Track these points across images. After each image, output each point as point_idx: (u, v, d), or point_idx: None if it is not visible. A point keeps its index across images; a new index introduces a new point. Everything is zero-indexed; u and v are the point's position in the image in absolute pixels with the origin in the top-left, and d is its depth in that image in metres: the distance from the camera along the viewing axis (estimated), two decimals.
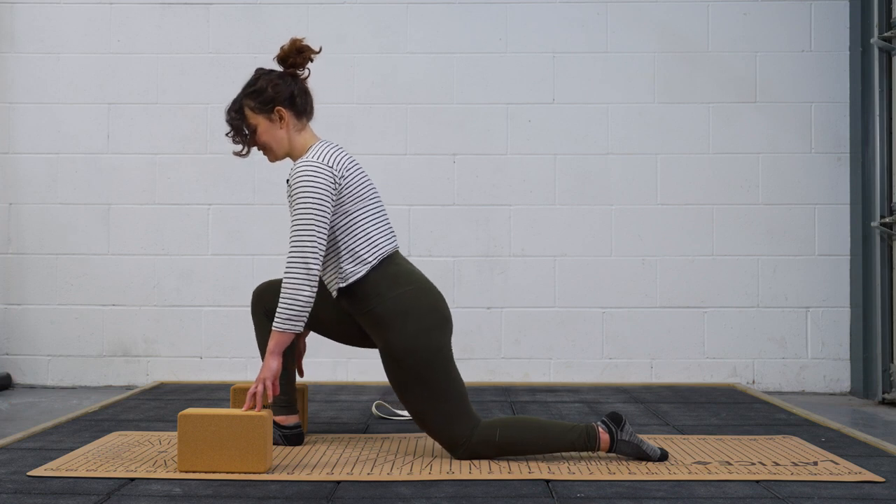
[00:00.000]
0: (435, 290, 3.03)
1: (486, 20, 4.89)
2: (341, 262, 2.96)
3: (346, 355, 4.83)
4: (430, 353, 2.90)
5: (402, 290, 2.95)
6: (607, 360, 4.85)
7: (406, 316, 2.92)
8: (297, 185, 2.90)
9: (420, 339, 2.90)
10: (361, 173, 3.03)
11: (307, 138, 3.06)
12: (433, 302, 2.98)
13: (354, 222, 2.96)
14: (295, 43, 3.06)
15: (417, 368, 2.89)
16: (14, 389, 4.80)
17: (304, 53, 3.07)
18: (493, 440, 2.91)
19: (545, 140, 4.87)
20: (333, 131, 4.88)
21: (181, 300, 4.87)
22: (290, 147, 3.04)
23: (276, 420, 3.14)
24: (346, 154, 3.03)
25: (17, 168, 4.89)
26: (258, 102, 3.01)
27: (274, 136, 3.02)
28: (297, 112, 3.04)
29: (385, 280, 2.95)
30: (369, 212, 3.00)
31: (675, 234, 4.85)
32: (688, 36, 4.88)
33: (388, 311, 2.93)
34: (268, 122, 3.02)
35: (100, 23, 4.90)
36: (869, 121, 4.64)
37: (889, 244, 4.57)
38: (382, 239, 3.00)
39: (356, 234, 2.96)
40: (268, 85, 3.02)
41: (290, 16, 4.89)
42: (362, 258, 2.95)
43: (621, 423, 2.91)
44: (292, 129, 3.04)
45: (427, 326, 2.92)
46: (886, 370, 4.54)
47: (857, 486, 2.66)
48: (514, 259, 4.86)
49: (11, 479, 2.70)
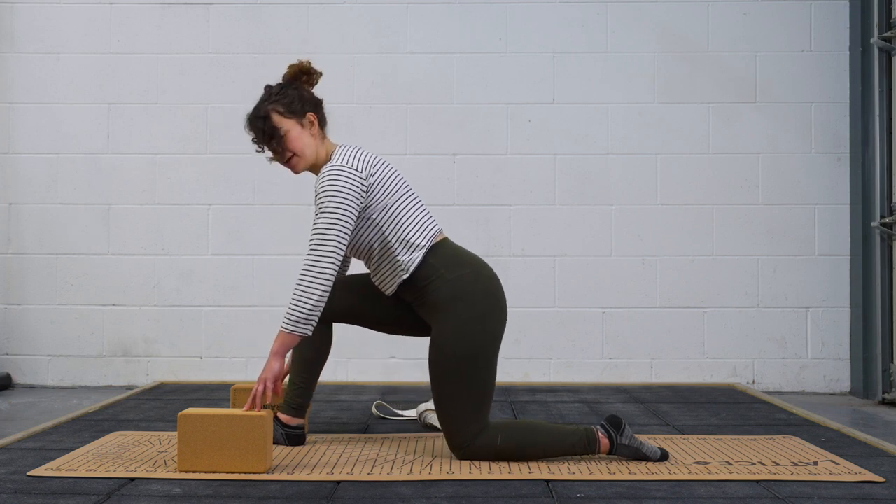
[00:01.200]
0: (493, 273, 3.01)
1: (486, 20, 4.89)
2: (396, 256, 2.95)
3: (346, 355, 4.83)
4: (475, 347, 2.88)
5: (461, 271, 2.94)
6: (607, 360, 4.85)
7: (462, 302, 2.90)
8: (322, 189, 2.90)
9: (470, 330, 2.88)
10: (389, 167, 3.05)
11: (328, 146, 3.07)
12: (490, 287, 2.96)
13: (397, 213, 2.97)
14: (303, 64, 3.08)
15: (456, 359, 2.87)
16: (14, 389, 4.80)
17: (312, 76, 3.09)
18: (495, 445, 2.90)
19: (545, 140, 4.87)
20: (333, 131, 4.86)
21: (181, 300, 4.87)
22: (315, 156, 3.03)
23: (282, 419, 3.13)
24: (370, 153, 3.03)
25: (17, 168, 4.89)
26: (287, 107, 2.99)
27: (305, 142, 3.00)
28: (321, 120, 3.06)
29: (444, 262, 2.95)
30: (408, 199, 3.01)
31: (675, 234, 4.85)
32: (688, 36, 4.88)
33: (447, 294, 2.91)
34: (299, 126, 3.00)
35: (100, 23, 4.90)
36: (869, 121, 4.64)
37: (889, 244, 4.57)
38: (429, 222, 3.01)
39: (403, 223, 2.96)
40: (296, 93, 3.02)
41: (290, 16, 4.89)
42: (416, 244, 2.95)
43: (621, 428, 2.91)
44: (318, 138, 3.04)
45: (481, 313, 2.91)
46: (886, 370, 4.54)
47: (857, 486, 2.66)
48: (514, 259, 4.86)
49: (11, 479, 2.70)
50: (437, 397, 2.94)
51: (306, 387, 3.13)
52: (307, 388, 3.14)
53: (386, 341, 4.81)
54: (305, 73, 3.08)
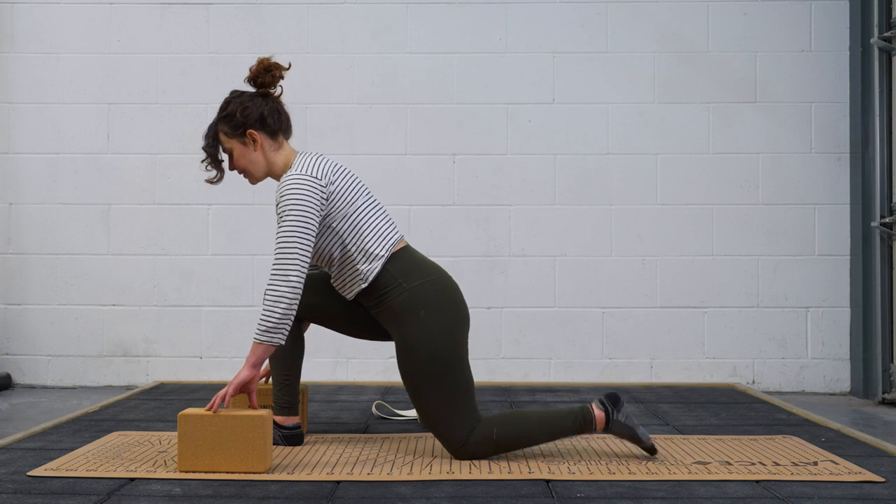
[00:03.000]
0: (452, 282, 3.03)
1: (486, 20, 4.89)
2: (356, 265, 2.97)
3: (345, 355, 4.83)
4: (444, 348, 2.90)
5: (419, 281, 2.96)
6: (607, 360, 4.85)
7: (423, 309, 2.92)
8: (282, 198, 2.89)
9: (436, 333, 2.90)
10: (349, 174, 3.04)
11: (287, 155, 3.05)
12: (451, 295, 2.99)
13: (357, 221, 2.97)
14: (263, 62, 3.04)
15: (427, 363, 2.89)
16: (14, 389, 4.80)
17: (273, 72, 3.05)
18: (492, 438, 2.91)
19: (545, 140, 4.87)
20: (333, 131, 4.89)
21: (181, 300, 4.87)
22: (269, 168, 3.04)
23: (277, 420, 3.14)
24: (331, 161, 3.02)
25: (17, 168, 4.89)
26: (230, 127, 3.01)
27: (250, 160, 3.02)
28: (269, 132, 3.03)
29: (402, 272, 2.96)
30: (368, 208, 3.01)
31: (675, 234, 4.85)
32: (688, 36, 4.88)
33: (406, 303, 2.93)
34: (242, 145, 3.02)
35: (100, 23, 4.90)
36: (869, 121, 4.64)
37: (889, 244, 4.57)
38: (389, 230, 3.01)
39: (363, 232, 2.96)
40: (237, 109, 3.01)
41: (290, 16, 4.89)
42: (374, 253, 2.95)
43: (618, 404, 2.91)
44: (268, 150, 3.03)
45: (444, 320, 2.93)
46: (886, 370, 4.54)
47: (857, 486, 2.66)
48: (514, 259, 4.86)
49: (11, 479, 2.70)
50: (420, 407, 2.96)
51: (290, 383, 3.14)
52: (291, 385, 3.14)
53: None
54: (268, 71, 3.04)
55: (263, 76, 3.04)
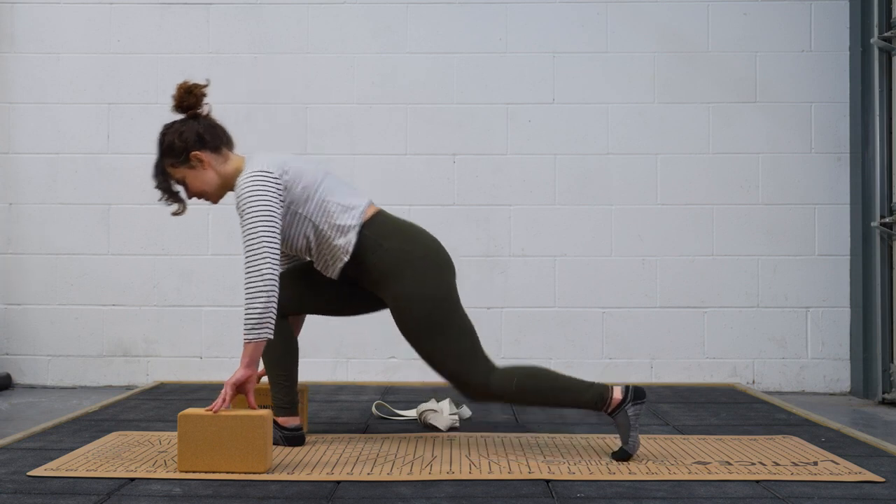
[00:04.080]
0: (430, 236, 3.11)
1: (486, 20, 4.89)
2: (332, 242, 3.01)
3: (346, 355, 4.83)
4: (437, 296, 2.97)
5: (399, 238, 3.03)
6: (607, 360, 4.85)
7: (408, 264, 2.99)
8: (240, 198, 2.92)
9: (426, 284, 2.98)
10: (303, 160, 3.07)
11: (236, 163, 3.08)
12: (432, 246, 3.07)
13: (322, 201, 3.00)
14: (181, 87, 3.07)
15: (427, 314, 2.95)
16: (14, 389, 4.80)
17: (195, 92, 3.07)
18: (511, 387, 2.95)
19: (545, 140, 4.87)
20: (333, 131, 4.89)
21: (181, 300, 4.87)
22: (223, 181, 3.07)
23: (278, 421, 3.14)
24: (280, 154, 3.06)
25: (17, 168, 4.89)
26: (173, 157, 3.05)
27: (203, 180, 3.06)
28: (212, 148, 3.05)
29: (380, 234, 3.02)
30: (330, 184, 3.05)
31: (675, 234, 4.85)
32: (688, 36, 4.88)
33: (391, 262, 3.00)
34: (191, 170, 3.05)
35: (100, 23, 4.90)
36: (869, 121, 4.64)
37: (889, 244, 4.57)
38: (356, 201, 3.05)
39: (330, 209, 3.00)
40: (174, 137, 3.04)
41: (290, 16, 4.89)
42: (347, 226, 3.00)
43: (640, 400, 2.93)
44: (216, 165, 3.06)
45: (430, 271, 3.00)
46: (886, 370, 4.54)
47: (857, 486, 2.66)
48: (514, 259, 4.86)
49: (11, 479, 2.70)
50: (430, 358, 3.01)
51: (287, 383, 3.14)
52: (289, 385, 3.14)
53: (386, 341, 4.82)
54: (189, 93, 3.06)
55: (187, 99, 3.07)
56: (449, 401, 3.61)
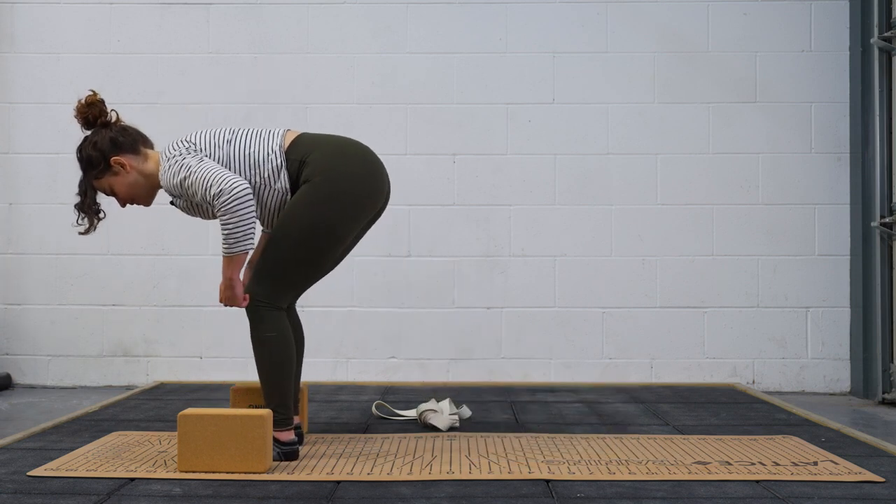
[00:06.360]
0: (362, 146, 3.07)
1: (486, 20, 4.89)
2: (271, 187, 2.96)
3: (346, 355, 4.83)
4: (320, 218, 2.90)
5: (318, 149, 2.98)
6: (607, 360, 4.85)
7: (320, 173, 2.92)
8: (171, 171, 2.92)
9: (320, 199, 2.91)
10: (209, 130, 3.05)
11: (155, 158, 3.08)
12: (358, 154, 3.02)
13: (244, 155, 2.96)
14: (79, 106, 3.08)
15: (302, 228, 2.89)
16: (14, 389, 4.80)
17: (94, 104, 3.09)
18: (264, 335, 2.90)
19: (545, 140, 4.87)
20: (333, 131, 4.88)
21: (181, 300, 4.87)
22: (149, 180, 3.07)
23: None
24: (186, 135, 3.06)
25: (17, 168, 4.89)
26: (95, 169, 3.05)
27: (129, 183, 3.07)
28: (129, 149, 3.06)
29: (302, 151, 2.97)
30: (245, 138, 3.00)
31: (675, 234, 4.85)
32: (688, 36, 4.88)
33: (308, 173, 2.94)
34: (115, 176, 3.06)
35: (100, 23, 4.90)
36: (869, 121, 4.64)
37: (889, 244, 4.57)
38: (273, 140, 3.00)
39: (255, 159, 2.96)
40: (90, 150, 3.05)
41: (290, 16, 4.89)
42: (275, 167, 2.95)
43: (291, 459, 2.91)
44: (138, 165, 3.06)
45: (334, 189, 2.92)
46: (886, 370, 4.54)
47: (857, 486, 2.66)
48: (514, 259, 4.86)
49: (11, 479, 2.70)
50: (265, 254, 2.95)
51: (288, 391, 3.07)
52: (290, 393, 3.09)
53: (386, 341, 4.82)
54: (90, 106, 3.08)
55: (90, 112, 3.08)
56: (449, 401, 3.61)
